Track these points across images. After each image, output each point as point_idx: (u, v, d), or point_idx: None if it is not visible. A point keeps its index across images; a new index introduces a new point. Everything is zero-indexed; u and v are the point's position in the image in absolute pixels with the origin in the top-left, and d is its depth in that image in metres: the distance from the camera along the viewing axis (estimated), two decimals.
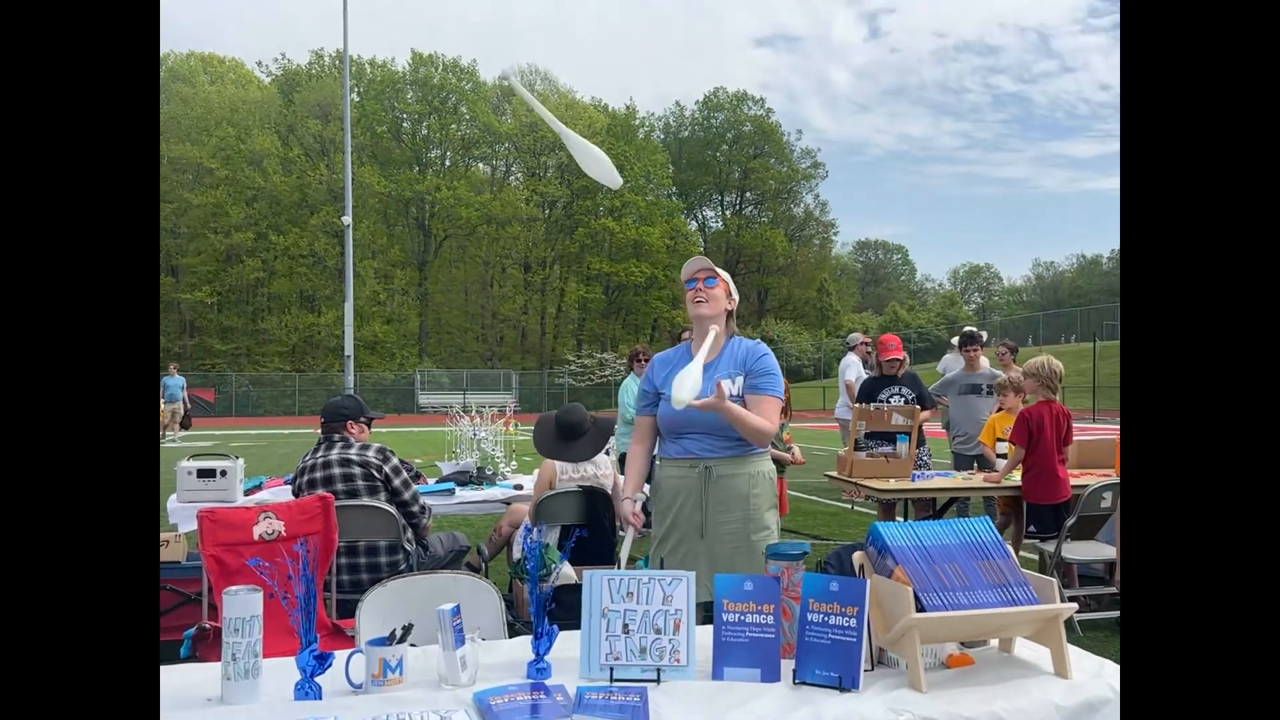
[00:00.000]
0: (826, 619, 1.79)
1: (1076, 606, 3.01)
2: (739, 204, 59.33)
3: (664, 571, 1.91)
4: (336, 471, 3.84)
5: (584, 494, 4.37)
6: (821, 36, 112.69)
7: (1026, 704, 1.71)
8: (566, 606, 2.53)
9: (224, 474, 4.53)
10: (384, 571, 3.71)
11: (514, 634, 2.28)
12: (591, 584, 1.88)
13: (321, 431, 4.04)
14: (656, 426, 3.02)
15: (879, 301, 66.94)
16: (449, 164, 51.85)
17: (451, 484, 4.99)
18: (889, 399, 5.97)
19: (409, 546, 3.91)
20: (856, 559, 1.98)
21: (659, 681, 1.80)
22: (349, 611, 2.65)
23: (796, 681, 1.77)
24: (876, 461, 5.24)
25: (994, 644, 2.01)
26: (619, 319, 53.20)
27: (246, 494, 4.72)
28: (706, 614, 2.00)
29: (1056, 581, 1.90)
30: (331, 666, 1.76)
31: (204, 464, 4.54)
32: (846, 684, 1.74)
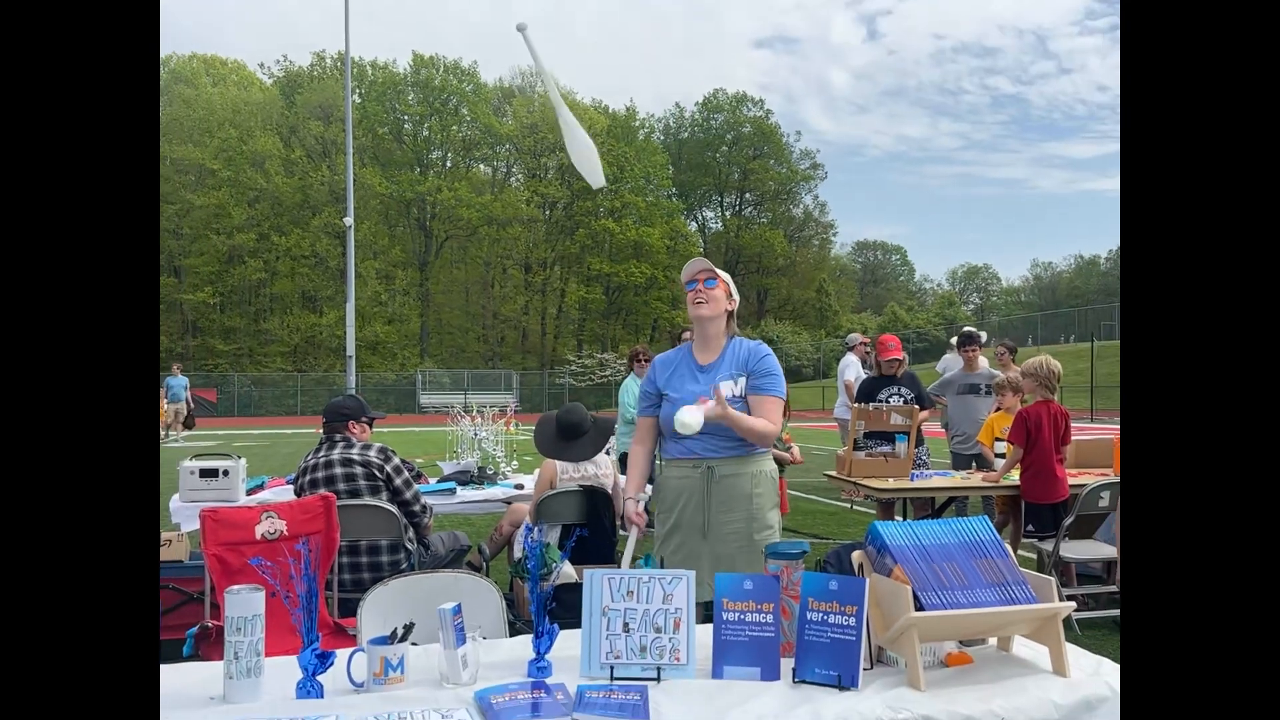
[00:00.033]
0: (826, 618, 1.80)
1: (1074, 605, 3.02)
2: (738, 205, 59.28)
3: (664, 570, 1.91)
4: (338, 471, 3.86)
5: (584, 493, 4.38)
6: (820, 38, 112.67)
7: (1025, 702, 1.71)
8: (567, 605, 2.55)
9: (226, 474, 4.54)
10: (385, 571, 3.72)
11: (515, 633, 2.28)
12: (592, 583, 1.89)
13: (323, 431, 4.05)
14: (658, 427, 3.02)
15: (878, 302, 66.85)
16: (450, 165, 51.88)
17: (452, 483, 5.00)
18: (888, 399, 5.99)
19: (410, 546, 3.92)
20: (855, 558, 1.99)
21: (659, 680, 1.81)
22: (351, 610, 2.66)
23: (796, 680, 1.78)
24: (875, 461, 5.26)
25: (992, 642, 2.02)
26: (619, 319, 53.19)
27: (249, 493, 4.73)
28: (709, 613, 2.00)
29: (1054, 580, 1.90)
30: (333, 665, 1.77)
31: (206, 464, 4.55)
32: (846, 682, 1.74)
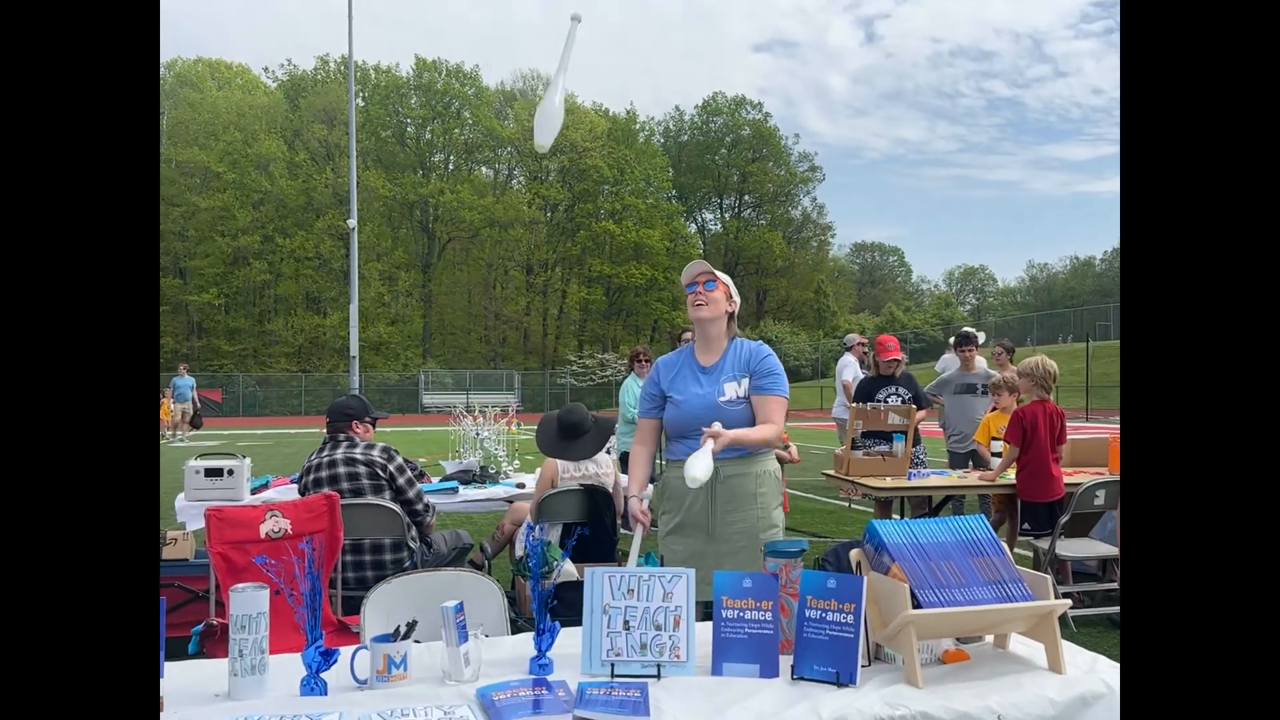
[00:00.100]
0: (824, 615, 1.81)
1: (1070, 603, 3.05)
2: (738, 207, 59.23)
3: (664, 569, 1.92)
4: (342, 470, 3.87)
5: (585, 492, 4.39)
6: (818, 42, 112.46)
7: (1021, 699, 1.72)
8: (568, 603, 2.55)
9: (231, 473, 4.56)
10: (388, 569, 3.74)
11: (516, 630, 2.30)
12: (593, 581, 1.90)
13: (327, 431, 4.07)
14: (659, 428, 3.04)
15: (876, 302, 66.68)
16: (452, 168, 51.94)
17: (455, 482, 5.01)
18: (885, 399, 6.00)
19: (413, 544, 3.94)
20: (854, 556, 2.00)
21: (659, 677, 1.82)
22: (354, 608, 2.67)
23: (795, 677, 1.79)
24: (873, 460, 5.27)
25: (989, 640, 2.03)
26: (620, 320, 53.18)
27: (253, 493, 4.74)
28: (710, 612, 2.02)
29: (1051, 578, 1.91)
30: (337, 663, 1.78)
31: (211, 463, 4.57)
32: (844, 679, 1.76)
